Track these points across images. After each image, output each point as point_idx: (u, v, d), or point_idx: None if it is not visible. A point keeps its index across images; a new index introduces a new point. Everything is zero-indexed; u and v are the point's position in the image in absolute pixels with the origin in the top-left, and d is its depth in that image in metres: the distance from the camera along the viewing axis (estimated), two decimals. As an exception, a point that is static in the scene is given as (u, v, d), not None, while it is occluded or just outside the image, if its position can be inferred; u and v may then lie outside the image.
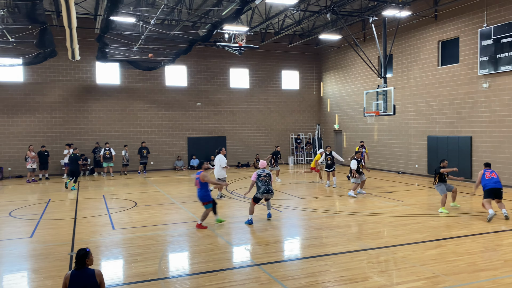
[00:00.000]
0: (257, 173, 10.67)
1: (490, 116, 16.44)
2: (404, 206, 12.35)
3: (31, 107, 22.03)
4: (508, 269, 6.85)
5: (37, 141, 21.92)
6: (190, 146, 25.27)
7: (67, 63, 22.30)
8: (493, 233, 9.13)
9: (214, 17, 17.51)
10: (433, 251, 7.83)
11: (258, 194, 10.58)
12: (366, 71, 23.01)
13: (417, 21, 19.77)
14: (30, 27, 15.61)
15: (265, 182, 10.62)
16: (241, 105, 26.47)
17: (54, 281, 6.56)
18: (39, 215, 11.83)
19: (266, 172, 10.71)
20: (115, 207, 13.03)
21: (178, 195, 15.31)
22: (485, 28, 16.29)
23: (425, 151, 19.60)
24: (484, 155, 16.65)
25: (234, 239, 9.11)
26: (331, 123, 27.28)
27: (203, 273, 6.88)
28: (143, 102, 24.21)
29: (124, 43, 17.43)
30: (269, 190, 10.60)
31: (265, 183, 10.60)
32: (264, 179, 10.61)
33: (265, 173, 10.67)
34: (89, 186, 18.08)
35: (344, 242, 8.59)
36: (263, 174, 10.65)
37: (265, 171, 10.74)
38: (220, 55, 25.43)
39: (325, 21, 22.82)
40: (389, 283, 6.31)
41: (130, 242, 8.88)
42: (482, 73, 16.47)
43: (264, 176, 10.63)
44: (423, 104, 19.67)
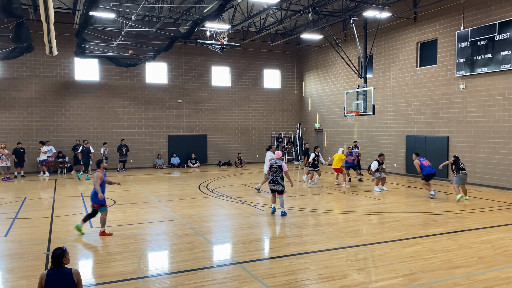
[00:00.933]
0: (270, 163, 10.97)
1: (466, 117, 16.84)
2: (383, 205, 12.54)
3: (7, 103, 21.45)
4: (482, 266, 7.03)
5: (12, 138, 21.37)
6: (171, 144, 25.06)
7: (45, 58, 21.81)
8: (468, 231, 9.35)
9: (195, 14, 17.40)
10: (410, 249, 7.98)
11: (270, 185, 10.98)
12: (347, 71, 23.25)
13: (396, 22, 20.08)
14: (6, 20, 15.18)
15: (274, 173, 10.86)
16: (222, 104, 26.39)
17: (29, 281, 6.41)
18: (14, 213, 11.54)
19: (278, 163, 10.85)
20: (93, 205, 12.80)
21: (158, 193, 15.17)
22: (462, 30, 16.66)
23: (403, 151, 19.94)
24: (460, 154, 17.03)
25: (215, 238, 9.08)
26: (312, 122, 27.47)
27: (183, 272, 6.84)
28: (122, 99, 23.88)
29: (103, 39, 17.12)
30: (275, 181, 10.82)
31: (273, 174, 10.85)
32: (274, 170, 10.86)
33: (277, 164, 10.85)
34: (67, 184, 17.74)
35: (323, 240, 8.66)
36: (274, 165, 10.88)
37: (278, 162, 10.91)
38: (201, 52, 25.29)
39: (306, 20, 22.95)
40: (368, 280, 6.40)
41: (108, 241, 8.75)
42: (459, 74, 16.85)
43: (275, 168, 10.85)
44: (402, 104, 20.00)
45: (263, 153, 27.20)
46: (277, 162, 10.89)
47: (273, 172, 10.84)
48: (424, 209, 11.81)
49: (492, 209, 11.81)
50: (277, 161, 10.92)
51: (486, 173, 16.07)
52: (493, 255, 7.62)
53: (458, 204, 12.69)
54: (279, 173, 10.82)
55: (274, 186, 10.90)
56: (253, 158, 27.01)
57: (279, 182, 10.83)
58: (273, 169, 10.86)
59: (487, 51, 15.66)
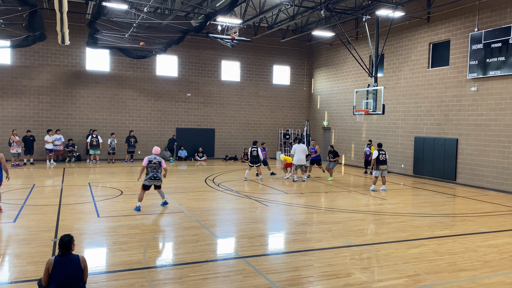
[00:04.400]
0: (148, 159, 10.84)
1: (476, 120, 16.69)
2: (389, 205, 12.50)
3: (18, 91, 21.65)
4: (487, 270, 7.00)
5: (22, 125, 21.59)
6: (179, 137, 25.14)
7: (57, 47, 21.95)
8: (474, 234, 9.30)
9: (208, 8, 17.38)
10: (415, 250, 7.96)
11: (146, 181, 10.81)
12: (357, 69, 23.12)
13: (409, 22, 19.91)
14: (20, 9, 15.30)
15: (154, 168, 10.79)
16: (231, 98, 26.40)
17: (37, 266, 6.50)
18: (23, 200, 11.69)
19: (157, 159, 10.84)
20: (101, 195, 12.93)
21: (165, 185, 15.22)
22: (476, 32, 16.48)
23: (411, 152, 19.83)
24: (469, 157, 16.92)
25: (220, 231, 9.13)
26: (320, 120, 27.39)
27: (187, 263, 6.89)
28: (132, 90, 23.98)
29: (115, 30, 17.19)
30: (156, 177, 10.78)
31: (153, 170, 10.79)
32: (153, 165, 10.79)
33: (156, 160, 10.81)
34: (75, 173, 17.90)
35: (328, 238, 8.67)
36: (153, 161, 10.80)
37: (156, 158, 10.87)
38: (212, 46, 25.29)
39: (318, 17, 22.83)
40: (371, 280, 6.40)
41: (115, 230, 8.84)
42: (471, 76, 16.68)
43: (154, 163, 10.79)
44: (411, 105, 19.87)
45: (269, 149, 27.24)
46: (156, 158, 10.85)
47: (152, 168, 10.80)
48: (430, 211, 11.76)
49: (499, 214, 11.73)
50: (156, 157, 10.87)
51: (494, 177, 15.93)
52: (499, 259, 7.58)
53: (465, 207, 12.61)
54: (158, 169, 10.83)
55: (154, 182, 10.82)
56: (260, 154, 27.00)
57: (159, 177, 10.85)
58: (152, 165, 10.81)
59: (500, 54, 15.48)
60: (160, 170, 10.89)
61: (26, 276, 6.15)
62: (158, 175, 10.83)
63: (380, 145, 15.32)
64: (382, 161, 14.87)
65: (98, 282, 6.00)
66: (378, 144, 15.43)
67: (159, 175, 10.85)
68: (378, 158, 14.84)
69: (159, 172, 10.85)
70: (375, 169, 15.04)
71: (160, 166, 10.88)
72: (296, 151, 16.55)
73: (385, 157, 14.98)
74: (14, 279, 6.08)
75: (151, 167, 10.81)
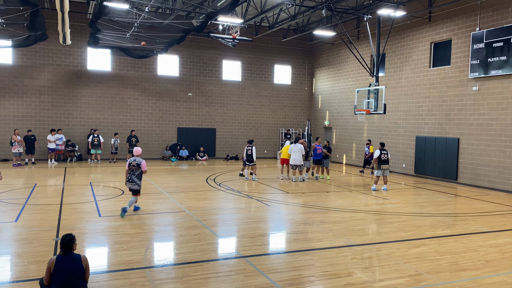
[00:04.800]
0: (128, 161, 10.25)
1: (478, 119, 16.66)
2: (390, 205, 12.49)
3: (20, 90, 21.69)
4: (489, 269, 6.99)
5: (24, 125, 21.62)
6: (180, 137, 25.16)
7: (58, 47, 21.98)
8: (475, 234, 9.29)
9: (209, 8, 17.39)
10: (416, 250, 7.95)
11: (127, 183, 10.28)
12: (359, 69, 23.11)
13: (411, 22, 19.88)
14: (21, 8, 15.34)
15: (131, 171, 10.16)
16: (232, 98, 26.40)
17: (38, 266, 6.51)
18: (25, 199, 11.71)
19: (137, 161, 10.15)
20: (102, 194, 12.95)
21: (166, 184, 15.27)
22: (478, 31, 16.46)
23: (413, 151, 19.81)
24: (471, 157, 16.90)
25: (221, 231, 9.13)
26: (321, 119, 27.38)
27: (189, 263, 6.89)
28: (133, 90, 24.00)
29: (116, 29, 17.22)
30: (130, 180, 10.11)
31: (130, 172, 10.16)
32: (132, 168, 10.15)
33: (135, 162, 10.13)
34: (76, 173, 17.93)
35: (329, 237, 8.67)
36: (132, 163, 10.16)
37: (136, 160, 10.17)
38: (213, 46, 25.30)
39: (320, 17, 22.81)
40: (373, 279, 6.39)
41: (116, 230, 8.85)
42: (472, 76, 16.66)
43: (133, 165, 10.13)
44: (413, 105, 19.85)
45: (271, 149, 27.27)
46: (135, 159, 10.14)
47: (130, 170, 10.11)
48: (431, 211, 11.75)
49: (501, 213, 11.71)
50: (135, 159, 10.16)
51: (496, 177, 15.91)
52: (501, 259, 7.57)
53: (466, 207, 12.60)
54: (135, 171, 10.11)
55: (129, 185, 10.16)
56: (261, 154, 27.02)
57: (133, 180, 10.13)
58: (131, 167, 10.10)
59: (502, 53, 15.45)
60: (137, 173, 10.13)
61: (28, 275, 6.16)
62: (132, 178, 10.11)
63: (383, 145, 15.30)
64: (384, 161, 14.84)
65: (100, 281, 6.01)
66: (381, 144, 15.40)
67: (134, 178, 10.11)
68: (380, 158, 14.81)
69: (134, 175, 10.11)
70: (376, 168, 15.01)
71: (139, 168, 10.13)
72: (292, 151, 16.34)
73: (387, 157, 14.95)
74: (16, 278, 6.09)
75: (130, 170, 10.14)
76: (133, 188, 10.22)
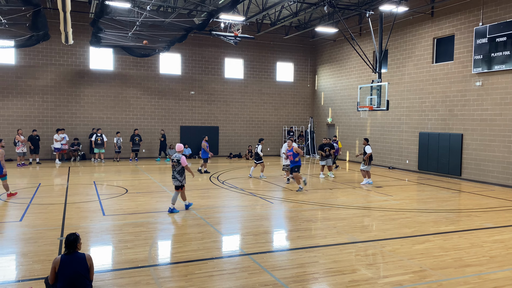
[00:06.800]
0: (172, 158, 10.47)
1: (481, 115, 16.59)
2: (394, 201, 12.47)
3: (23, 90, 21.76)
4: (493, 265, 6.97)
5: (27, 125, 21.70)
6: (183, 135, 25.19)
7: (60, 46, 22.03)
8: (480, 230, 9.27)
9: (210, 6, 17.38)
10: (420, 246, 7.94)
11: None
12: (361, 65, 23.04)
13: (413, 17, 19.80)
14: (23, 8, 15.36)
15: (172, 167, 10.38)
16: (234, 96, 26.39)
17: (43, 265, 6.54)
18: (29, 199, 11.76)
19: (177, 157, 10.29)
20: (106, 193, 12.99)
21: (169, 183, 15.28)
22: (481, 26, 16.37)
23: (416, 147, 19.76)
24: (474, 153, 16.84)
25: (225, 228, 9.14)
26: (324, 116, 27.34)
27: (193, 261, 6.91)
28: (136, 89, 24.03)
29: (118, 28, 17.23)
30: (172, 176, 10.40)
31: (172, 169, 10.39)
32: (173, 163, 10.36)
33: (175, 159, 10.29)
34: (80, 172, 17.99)
35: (333, 234, 8.67)
36: (173, 159, 10.35)
37: (176, 156, 10.30)
38: (215, 44, 25.28)
39: (322, 13, 22.75)
40: (377, 276, 6.39)
41: (120, 228, 8.88)
42: (475, 71, 16.58)
43: (174, 161, 10.33)
44: (416, 101, 19.78)
45: (274, 146, 27.26)
46: (176, 155, 10.27)
47: (172, 167, 10.33)
48: (435, 207, 11.72)
49: (505, 209, 11.67)
50: (176, 155, 10.27)
51: (500, 172, 15.85)
52: (505, 254, 7.55)
53: (470, 202, 12.56)
54: (176, 167, 10.23)
55: (173, 181, 10.41)
56: (264, 151, 27.01)
57: (175, 177, 10.28)
58: (172, 164, 10.28)
59: (505, 48, 15.37)
60: (178, 169, 10.25)
61: (33, 274, 6.19)
62: (174, 175, 10.31)
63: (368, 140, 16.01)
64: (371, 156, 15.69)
65: (105, 280, 6.03)
66: (367, 139, 15.95)
67: (176, 174, 10.28)
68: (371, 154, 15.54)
69: (176, 171, 10.28)
70: (367, 164, 15.50)
71: (179, 164, 10.23)
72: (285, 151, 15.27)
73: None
74: (21, 277, 6.12)
75: (172, 166, 10.41)
76: (175, 184, 10.45)
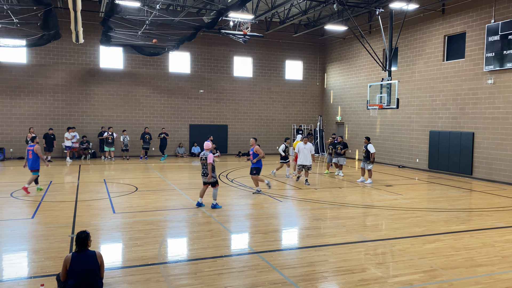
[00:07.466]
0: (200, 156, 10.75)
1: (493, 113, 16.39)
2: (404, 200, 12.39)
3: (34, 89, 22.00)
4: (505, 265, 6.89)
5: (39, 123, 21.94)
6: (192, 134, 25.28)
7: (71, 46, 22.22)
8: (491, 229, 9.16)
9: (219, 4, 17.39)
10: (431, 245, 7.88)
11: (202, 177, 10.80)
12: (371, 63, 22.89)
13: (424, 15, 19.61)
14: (35, 8, 15.53)
15: (202, 165, 10.65)
16: (243, 94, 26.40)
17: (55, 262, 6.62)
18: (41, 196, 11.90)
19: (205, 154, 10.56)
20: (116, 191, 13.09)
21: (179, 181, 15.37)
22: (493, 23, 16.16)
23: (426, 146, 19.60)
24: (486, 151, 16.65)
25: (234, 227, 9.16)
26: (333, 114, 27.23)
27: (202, 259, 6.93)
28: (146, 87, 24.16)
29: (128, 27, 17.34)
30: (203, 173, 10.65)
31: (202, 166, 10.67)
32: (202, 161, 10.65)
33: (204, 156, 10.57)
34: (90, 170, 18.15)
35: (342, 233, 8.63)
36: (202, 157, 10.63)
37: (205, 153, 10.59)
38: (224, 42, 25.30)
39: (331, 11, 22.64)
40: (387, 275, 6.36)
41: (130, 226, 8.94)
42: (487, 69, 16.38)
43: (202, 159, 10.62)
44: (426, 99, 19.61)
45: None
46: (204, 153, 10.57)
47: (202, 165, 10.65)
48: (446, 206, 11.62)
49: (517, 208, 11.53)
50: (204, 153, 10.58)
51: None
52: (517, 254, 7.46)
53: (482, 202, 12.43)
54: (206, 165, 10.54)
55: (203, 179, 10.69)
56: (273, 150, 27.01)
57: (206, 174, 10.58)
58: (202, 162, 10.60)
59: (518, 45, 15.15)
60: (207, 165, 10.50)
61: (45, 271, 6.27)
62: (205, 171, 10.59)
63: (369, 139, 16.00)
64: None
65: (115, 277, 6.08)
66: (368, 138, 15.87)
67: (207, 171, 10.54)
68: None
69: (206, 168, 10.55)
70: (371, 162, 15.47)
71: (206, 161, 10.48)
72: (300, 150, 15.00)
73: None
74: (33, 274, 6.20)
75: (201, 164, 10.70)
76: (205, 181, 10.63)
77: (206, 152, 10.60)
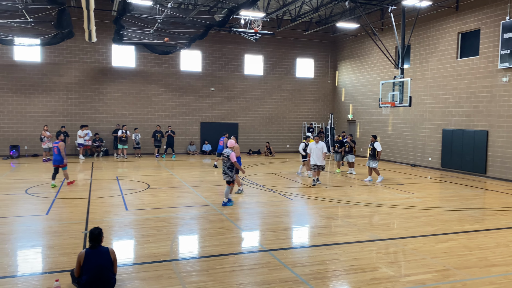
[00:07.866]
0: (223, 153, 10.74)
1: (508, 111, 16.15)
2: (416, 199, 12.28)
3: (48, 87, 22.29)
4: (520, 265, 6.80)
5: (53, 121, 22.22)
6: (203, 132, 25.37)
7: (84, 44, 22.44)
8: (506, 229, 9.04)
9: (231, 2, 17.39)
10: (444, 245, 7.80)
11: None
12: (383, 61, 22.71)
13: (437, 12, 19.37)
14: (49, 7, 15.71)
15: (223, 163, 10.67)
16: (254, 92, 26.40)
17: (69, 258, 6.71)
18: (55, 193, 12.06)
19: (227, 152, 10.59)
20: (128, 188, 13.21)
21: (190, 179, 15.45)
22: (508, 20, 15.90)
23: (439, 144, 19.39)
24: (500, 150, 16.41)
25: (245, 224, 9.18)
26: (345, 112, 27.08)
27: (214, 256, 6.97)
28: (157, 86, 24.31)
29: (140, 26, 17.43)
30: (223, 172, 10.68)
31: (223, 164, 10.68)
32: (223, 159, 10.67)
33: (226, 154, 10.59)
34: (103, 167, 18.33)
35: (354, 232, 8.60)
36: (224, 154, 10.64)
37: (227, 152, 10.61)
38: (235, 41, 25.32)
39: (343, 8, 22.50)
40: (399, 274, 6.32)
41: (142, 223, 9.02)
42: (502, 66, 16.13)
43: (224, 157, 10.64)
44: (439, 97, 19.39)
45: (293, 143, 27.15)
46: (226, 151, 10.57)
47: (223, 162, 10.68)
48: (459, 205, 11.49)
49: (532, 208, 11.35)
50: (226, 151, 10.58)
51: (527, 170, 15.41)
52: (532, 255, 7.35)
53: (496, 201, 12.26)
54: (226, 163, 10.53)
55: (223, 177, 10.75)
56: (283, 148, 26.99)
57: (226, 172, 10.59)
58: (223, 159, 10.62)
59: (534, 42, 14.88)
60: (228, 164, 10.54)
61: (59, 267, 6.36)
62: (225, 170, 10.59)
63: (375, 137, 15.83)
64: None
65: (128, 274, 6.14)
66: (375, 136, 15.72)
67: (226, 170, 10.57)
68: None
69: (226, 167, 10.57)
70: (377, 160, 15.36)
71: (229, 160, 10.51)
72: (313, 150, 14.46)
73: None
74: (48, 269, 6.29)
75: (222, 162, 10.73)
76: (226, 179, 10.70)
77: (229, 150, 10.63)
